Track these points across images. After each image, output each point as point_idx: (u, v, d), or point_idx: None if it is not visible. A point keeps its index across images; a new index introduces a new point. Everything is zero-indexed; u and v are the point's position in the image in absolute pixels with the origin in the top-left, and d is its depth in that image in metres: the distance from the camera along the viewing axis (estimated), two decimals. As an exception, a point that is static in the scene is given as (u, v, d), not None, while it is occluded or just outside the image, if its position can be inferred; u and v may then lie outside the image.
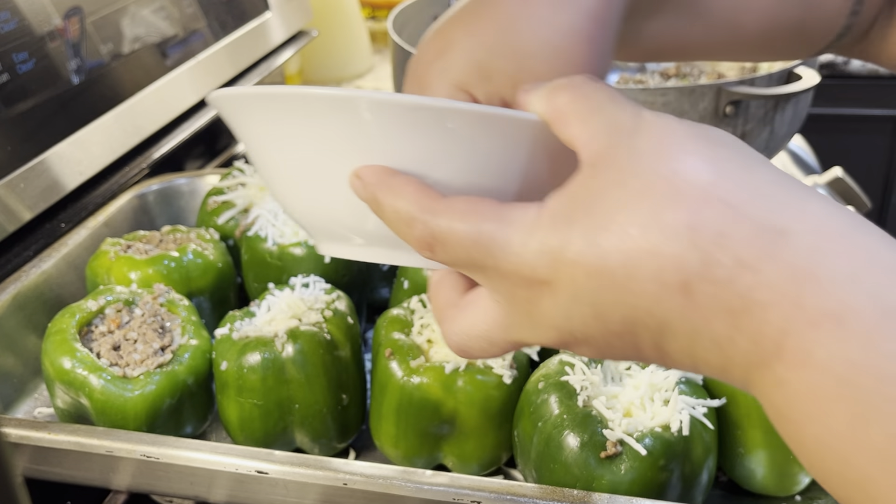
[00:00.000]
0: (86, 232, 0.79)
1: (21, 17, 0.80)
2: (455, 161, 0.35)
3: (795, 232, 0.28)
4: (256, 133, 0.38)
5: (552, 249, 0.31)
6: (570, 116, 0.33)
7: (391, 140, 0.35)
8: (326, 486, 0.53)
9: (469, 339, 0.36)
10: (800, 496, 0.60)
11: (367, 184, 0.35)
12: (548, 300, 0.32)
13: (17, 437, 0.56)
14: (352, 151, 0.36)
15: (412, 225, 0.34)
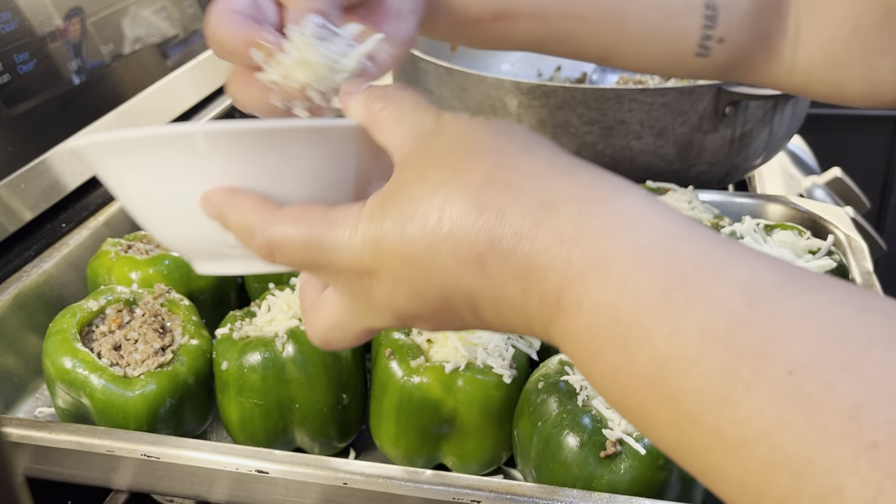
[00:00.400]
0: (86, 232, 0.79)
1: (22, 17, 0.80)
2: (289, 174, 0.39)
3: (561, 202, 0.32)
4: (114, 175, 0.41)
5: (371, 241, 0.35)
6: (384, 122, 0.38)
7: (228, 164, 0.38)
8: (326, 486, 0.53)
9: (327, 331, 0.40)
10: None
11: (213, 204, 0.38)
12: (377, 287, 0.36)
13: (18, 437, 0.57)
14: (198, 179, 0.39)
15: (253, 235, 0.37)
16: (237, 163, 0.38)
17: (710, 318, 0.28)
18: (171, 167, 0.39)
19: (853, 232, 0.76)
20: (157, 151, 0.38)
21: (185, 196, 0.39)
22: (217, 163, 0.38)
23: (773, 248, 0.69)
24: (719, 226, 0.74)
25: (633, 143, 0.86)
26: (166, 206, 0.40)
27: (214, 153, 0.38)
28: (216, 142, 0.38)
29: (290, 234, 0.36)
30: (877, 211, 1.97)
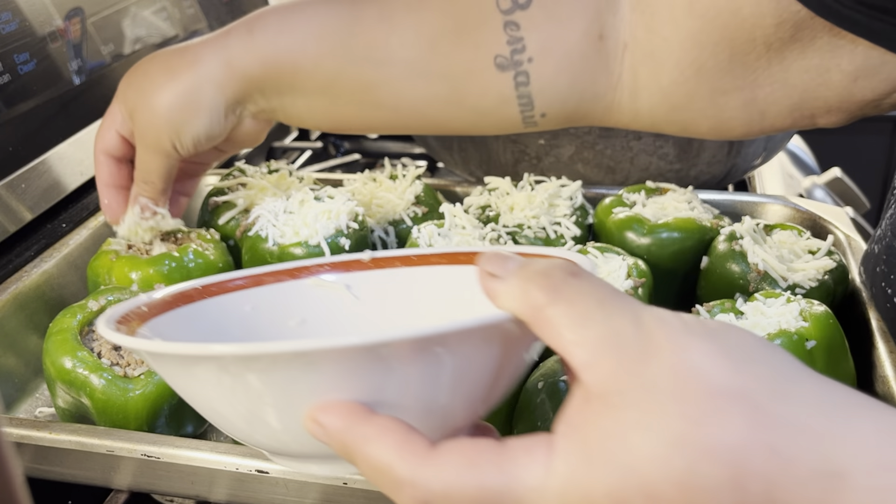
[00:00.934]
0: (87, 232, 0.79)
1: (22, 17, 0.81)
2: (419, 383, 0.32)
3: (852, 472, 0.25)
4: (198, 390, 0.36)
5: (572, 498, 0.28)
6: (558, 323, 0.30)
7: (345, 377, 0.31)
8: (326, 486, 0.53)
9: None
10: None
11: (330, 432, 0.31)
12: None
13: (18, 437, 0.57)
14: (303, 394, 0.32)
15: (400, 489, 0.30)
16: (355, 376, 0.31)
17: None
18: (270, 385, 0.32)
19: (853, 232, 0.76)
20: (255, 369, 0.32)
21: (284, 411, 0.33)
22: (332, 377, 0.31)
23: (772, 248, 0.69)
24: (719, 226, 0.74)
25: (632, 142, 0.86)
26: (256, 420, 0.34)
27: (331, 369, 0.31)
28: (338, 358, 0.31)
29: (456, 485, 0.29)
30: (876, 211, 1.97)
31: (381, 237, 0.78)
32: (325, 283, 0.47)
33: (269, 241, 0.72)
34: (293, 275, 0.47)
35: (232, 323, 0.45)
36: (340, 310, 0.47)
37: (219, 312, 0.45)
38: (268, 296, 0.47)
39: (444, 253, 0.47)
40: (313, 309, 0.47)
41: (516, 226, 0.75)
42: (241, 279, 0.47)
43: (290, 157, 1.19)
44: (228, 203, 0.80)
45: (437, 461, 0.29)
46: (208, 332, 0.44)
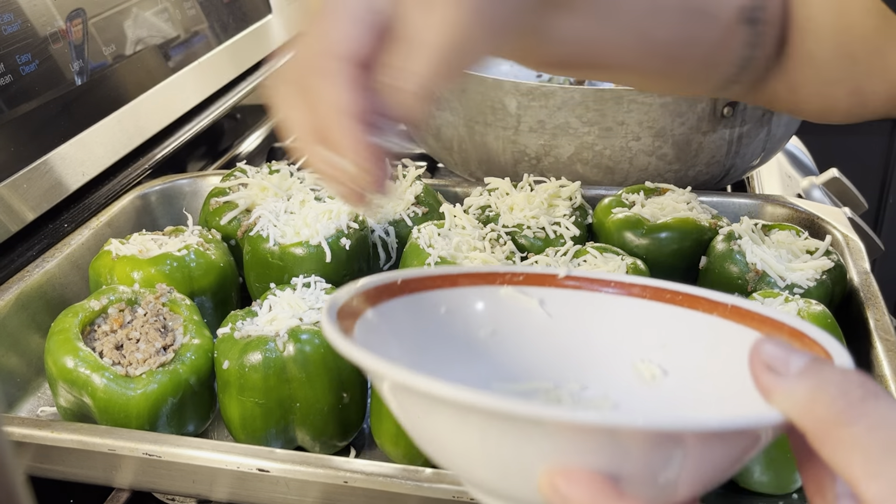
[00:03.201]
0: (88, 232, 0.79)
1: (24, 18, 0.81)
2: (668, 471, 0.31)
3: None
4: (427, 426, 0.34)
5: None
6: (851, 447, 0.27)
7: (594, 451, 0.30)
8: (327, 485, 0.53)
9: None
10: (797, 495, 0.61)
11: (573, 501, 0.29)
12: None
13: (20, 436, 0.57)
14: (544, 455, 0.30)
15: None
16: (610, 450, 0.30)
17: None
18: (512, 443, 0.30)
19: (851, 232, 0.77)
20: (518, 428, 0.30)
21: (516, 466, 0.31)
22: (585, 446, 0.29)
23: (770, 248, 0.69)
24: (718, 226, 0.74)
25: (631, 143, 0.86)
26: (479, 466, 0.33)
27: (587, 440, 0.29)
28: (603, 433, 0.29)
29: None
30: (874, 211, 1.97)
31: (382, 237, 0.78)
32: (521, 296, 0.45)
33: (271, 241, 0.72)
34: (487, 280, 0.45)
35: (428, 325, 0.43)
36: (531, 326, 0.45)
37: (416, 312, 0.43)
38: (461, 299, 0.45)
39: (648, 286, 0.44)
40: (505, 320, 0.45)
41: (516, 226, 0.75)
42: (438, 278, 0.45)
43: (291, 157, 1.20)
44: (230, 203, 0.80)
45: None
46: (411, 336, 0.42)
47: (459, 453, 0.34)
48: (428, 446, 0.36)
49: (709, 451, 0.30)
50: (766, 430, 0.31)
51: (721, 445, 0.31)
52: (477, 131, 0.89)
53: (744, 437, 0.31)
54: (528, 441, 0.30)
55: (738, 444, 0.31)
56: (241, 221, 0.79)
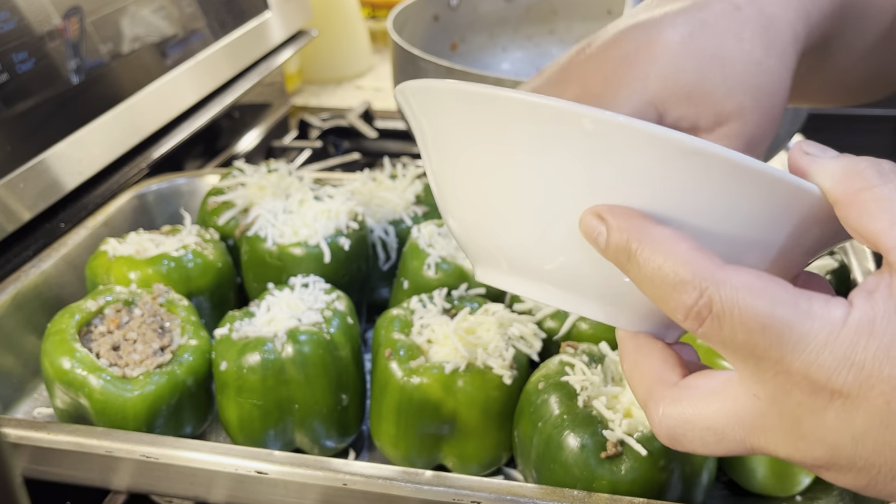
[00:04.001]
0: (85, 232, 0.79)
1: (21, 16, 0.80)
2: (713, 217, 0.31)
3: None
4: (456, 133, 0.33)
5: (864, 360, 0.27)
6: (873, 207, 0.29)
7: (649, 180, 0.30)
8: (326, 487, 0.53)
9: (689, 429, 0.32)
10: (800, 496, 0.60)
11: (616, 229, 0.30)
12: (836, 414, 0.28)
13: (16, 438, 0.56)
14: (591, 185, 0.30)
15: (683, 290, 0.29)
16: (662, 183, 0.30)
17: None
18: (559, 158, 0.30)
19: (854, 232, 0.76)
20: (558, 132, 0.30)
21: (551, 198, 0.31)
22: (635, 174, 0.30)
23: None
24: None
25: (633, 142, 0.85)
26: (514, 199, 0.32)
27: (642, 162, 0.30)
28: (656, 150, 0.29)
29: (744, 305, 0.28)
30: (876, 211, 1.97)
31: (381, 237, 0.78)
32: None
33: (269, 240, 0.72)
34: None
35: None
36: None
37: None
38: None
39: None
40: None
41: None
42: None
43: (290, 156, 1.19)
44: (228, 202, 0.80)
45: (731, 274, 0.29)
46: None
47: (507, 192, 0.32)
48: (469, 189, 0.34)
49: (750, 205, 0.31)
50: (799, 197, 0.32)
51: (765, 200, 0.31)
52: (477, 130, 0.89)
53: (780, 196, 0.31)
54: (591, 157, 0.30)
55: (781, 209, 0.31)
56: (239, 221, 0.79)
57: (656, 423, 0.33)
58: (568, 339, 0.63)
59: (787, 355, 0.28)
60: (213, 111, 1.06)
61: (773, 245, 0.33)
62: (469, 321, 0.61)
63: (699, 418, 0.31)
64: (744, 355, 0.29)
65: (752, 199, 0.31)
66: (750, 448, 0.31)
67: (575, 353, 0.59)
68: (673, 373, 0.33)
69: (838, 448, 0.29)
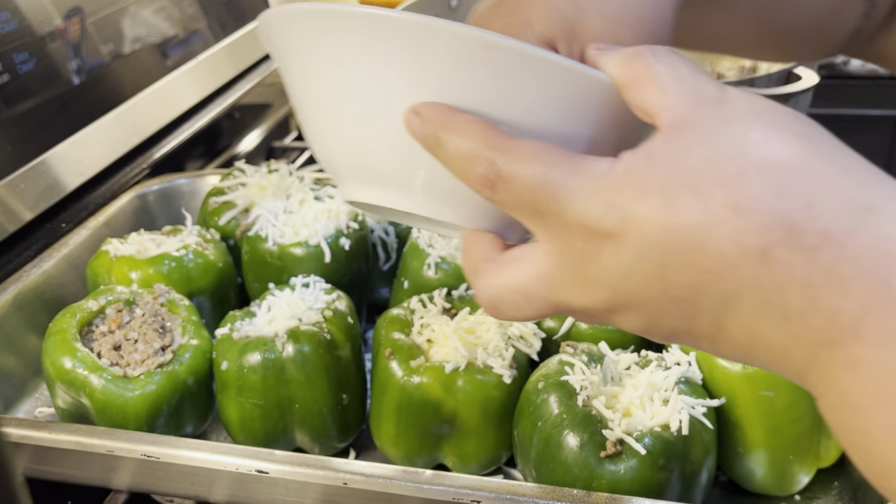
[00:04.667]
0: (86, 232, 0.79)
1: (21, 17, 0.80)
2: (519, 109, 0.34)
3: (886, 210, 0.27)
4: (302, 55, 0.36)
5: (623, 202, 0.30)
6: (648, 83, 0.32)
7: (455, 76, 0.34)
8: (327, 486, 0.53)
9: (505, 294, 0.34)
10: (799, 496, 0.60)
11: (427, 120, 0.34)
12: (608, 255, 0.30)
13: (18, 437, 0.56)
14: (411, 85, 0.34)
15: (476, 161, 0.33)
16: (466, 80, 0.34)
17: None
18: (384, 62, 0.34)
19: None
20: (375, 36, 0.34)
21: (382, 102, 0.35)
22: (444, 72, 0.34)
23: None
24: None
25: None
26: (351, 106, 0.35)
27: (446, 60, 0.33)
28: (458, 46, 0.33)
29: (525, 167, 0.32)
30: (876, 211, 1.97)
31: (382, 237, 0.78)
32: None
33: (269, 240, 0.72)
34: None
35: None
36: None
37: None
38: None
39: None
40: None
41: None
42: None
43: (290, 156, 1.19)
44: (228, 203, 0.80)
45: (515, 144, 0.32)
46: None
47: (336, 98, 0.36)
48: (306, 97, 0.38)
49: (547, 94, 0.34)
50: (591, 85, 0.35)
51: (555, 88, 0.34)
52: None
53: (573, 86, 0.35)
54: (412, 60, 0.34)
55: (568, 95, 0.35)
56: (239, 221, 0.79)
57: (479, 296, 0.36)
58: (567, 339, 0.63)
59: (564, 208, 0.31)
60: (214, 112, 1.06)
61: (579, 137, 0.36)
62: (469, 321, 0.61)
63: (510, 283, 0.34)
64: (532, 215, 0.32)
65: (548, 91, 0.34)
66: (554, 305, 0.34)
67: (574, 353, 0.59)
68: (495, 251, 0.36)
69: (615, 287, 0.31)
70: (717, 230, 0.28)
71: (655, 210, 0.29)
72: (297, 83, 0.38)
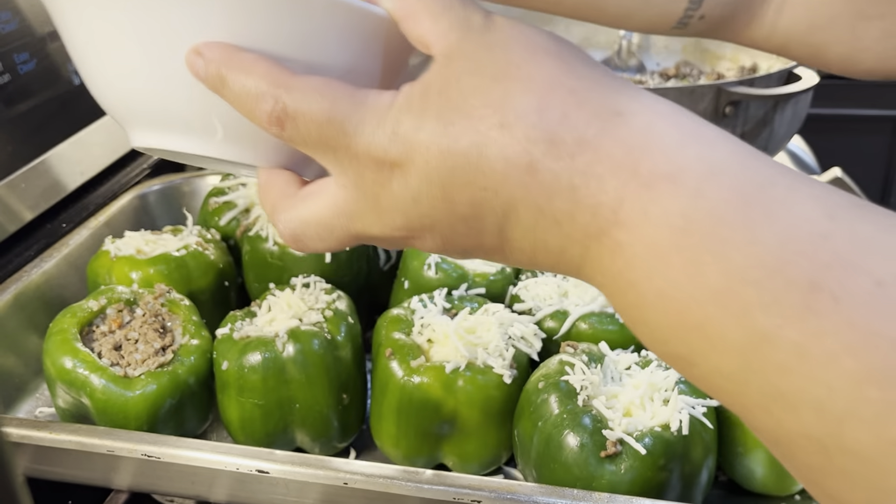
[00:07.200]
0: (87, 232, 0.79)
1: (22, 17, 0.80)
2: (301, 46, 0.35)
3: (630, 112, 0.30)
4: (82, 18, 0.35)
5: (406, 131, 0.32)
6: (421, 14, 0.34)
7: (237, 15, 0.34)
8: (327, 486, 0.53)
9: (306, 227, 0.36)
10: (799, 496, 0.60)
11: (210, 60, 0.34)
12: (398, 182, 0.32)
13: (18, 437, 0.56)
14: (191, 26, 0.34)
15: (262, 100, 0.33)
16: (248, 18, 0.34)
17: (791, 229, 0.26)
18: (157, 4, 0.33)
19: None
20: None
21: (162, 43, 0.34)
22: (220, 11, 0.33)
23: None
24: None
25: (633, 143, 0.86)
26: (129, 50, 0.35)
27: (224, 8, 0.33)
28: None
29: (311, 104, 0.32)
30: (877, 211, 1.97)
31: (382, 237, 0.78)
32: None
33: (269, 240, 0.72)
34: None
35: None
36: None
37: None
38: None
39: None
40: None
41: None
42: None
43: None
44: (229, 203, 0.80)
45: (299, 81, 0.33)
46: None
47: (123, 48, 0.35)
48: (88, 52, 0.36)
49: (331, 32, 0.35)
50: (368, 21, 0.36)
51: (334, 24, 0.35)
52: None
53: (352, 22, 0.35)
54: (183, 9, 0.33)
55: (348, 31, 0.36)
56: (240, 221, 0.79)
57: (281, 231, 0.36)
58: (568, 339, 0.63)
59: (352, 141, 0.32)
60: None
61: (364, 71, 0.37)
62: (469, 321, 0.61)
63: (310, 215, 0.35)
64: (323, 150, 0.33)
65: (330, 27, 0.35)
66: (354, 234, 0.35)
67: (574, 353, 0.59)
68: (293, 188, 0.37)
69: (408, 213, 0.33)
70: (488, 149, 0.30)
71: (434, 137, 0.31)
72: (68, 20, 0.37)
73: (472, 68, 0.32)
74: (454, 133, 0.31)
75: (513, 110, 0.30)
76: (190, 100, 0.35)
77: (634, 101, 0.31)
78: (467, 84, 0.31)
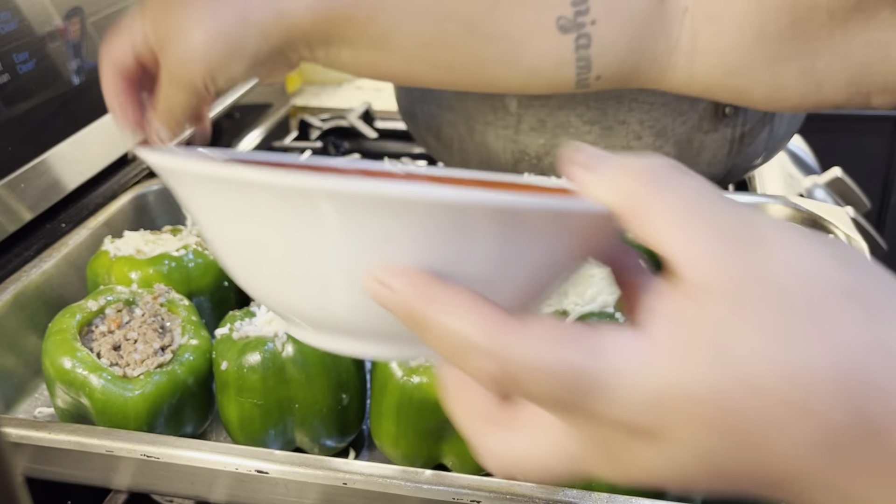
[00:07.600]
0: (86, 232, 0.79)
1: (22, 17, 0.80)
2: (488, 257, 0.29)
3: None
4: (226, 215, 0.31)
5: (664, 399, 0.26)
6: (655, 216, 0.28)
7: (416, 236, 0.28)
8: (326, 486, 0.53)
9: (520, 466, 0.32)
10: (799, 496, 0.60)
11: (401, 293, 0.28)
12: (650, 452, 0.28)
13: (17, 437, 0.56)
14: (366, 246, 0.29)
15: (476, 357, 0.28)
16: (434, 237, 0.28)
17: None
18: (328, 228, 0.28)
19: (854, 232, 0.76)
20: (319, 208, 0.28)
21: (332, 262, 0.29)
22: (402, 233, 0.28)
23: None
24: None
25: (633, 142, 0.85)
26: (293, 270, 0.30)
27: (404, 223, 0.28)
28: (414, 212, 0.27)
29: (537, 363, 0.27)
30: (877, 211, 1.97)
31: (381, 237, 0.78)
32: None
33: (269, 240, 0.72)
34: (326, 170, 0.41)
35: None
36: None
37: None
38: None
39: (487, 181, 0.41)
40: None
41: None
42: (292, 165, 0.42)
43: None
44: (228, 203, 0.80)
45: (521, 332, 0.27)
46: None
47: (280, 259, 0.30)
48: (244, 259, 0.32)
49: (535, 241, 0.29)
50: (588, 221, 0.31)
51: (549, 233, 0.29)
52: (477, 130, 0.89)
53: (568, 225, 0.30)
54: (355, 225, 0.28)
55: (565, 236, 0.30)
56: (239, 221, 0.79)
57: (487, 462, 0.33)
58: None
59: (593, 405, 0.27)
60: (214, 111, 1.06)
61: (563, 266, 0.32)
62: (469, 321, 0.61)
63: (526, 455, 0.31)
64: (551, 407, 0.29)
65: (536, 236, 0.29)
66: (578, 474, 0.31)
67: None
68: (492, 405, 0.33)
69: (654, 473, 0.28)
70: (772, 427, 0.25)
71: (704, 408, 0.26)
72: (222, 237, 0.33)
73: (746, 317, 0.26)
74: (729, 405, 0.26)
75: (809, 380, 0.25)
76: (364, 316, 0.31)
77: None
78: (745, 341, 0.26)
